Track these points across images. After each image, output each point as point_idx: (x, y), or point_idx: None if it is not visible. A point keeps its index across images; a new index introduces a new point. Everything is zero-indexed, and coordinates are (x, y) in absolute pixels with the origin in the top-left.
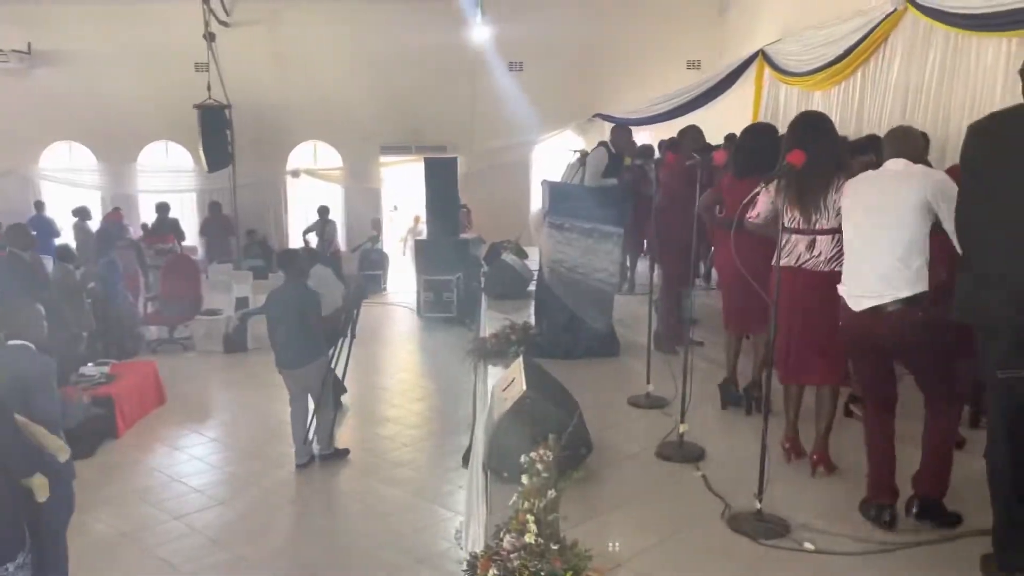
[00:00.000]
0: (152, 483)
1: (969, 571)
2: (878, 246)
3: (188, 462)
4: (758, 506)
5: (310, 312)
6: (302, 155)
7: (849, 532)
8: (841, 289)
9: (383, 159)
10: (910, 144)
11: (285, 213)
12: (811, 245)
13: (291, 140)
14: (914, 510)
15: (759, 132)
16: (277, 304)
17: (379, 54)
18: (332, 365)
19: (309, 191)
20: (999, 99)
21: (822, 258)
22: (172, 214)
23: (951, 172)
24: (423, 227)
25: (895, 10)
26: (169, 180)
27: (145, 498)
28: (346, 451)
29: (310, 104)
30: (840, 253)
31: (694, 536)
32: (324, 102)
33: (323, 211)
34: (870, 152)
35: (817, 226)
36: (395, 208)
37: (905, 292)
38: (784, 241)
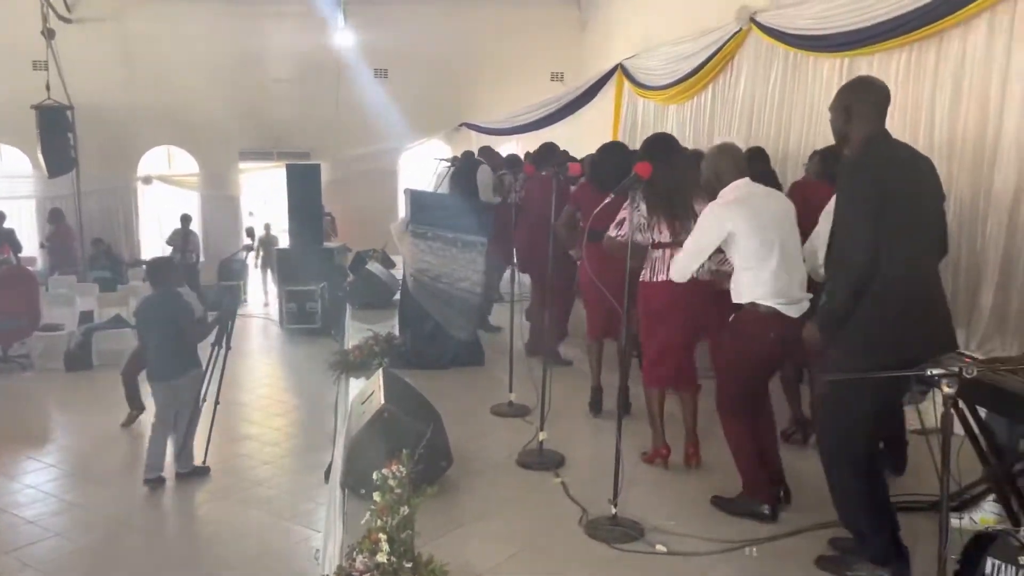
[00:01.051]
0: None
1: (809, 566)
2: (794, 257)
3: (21, 491)
4: (613, 511)
5: (185, 322)
6: (155, 160)
7: (699, 532)
8: (768, 300)
9: (243, 165)
10: (744, 164)
11: (136, 221)
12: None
13: (142, 145)
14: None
15: (613, 149)
16: (149, 314)
17: (238, 57)
18: (207, 378)
19: (163, 199)
20: None
21: None
22: (8, 223)
23: (802, 187)
24: (275, 236)
25: (741, 29)
26: (4, 186)
27: None
28: (207, 469)
29: (163, 107)
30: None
31: (552, 544)
32: (178, 105)
33: (185, 220)
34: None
35: (682, 238)
36: (251, 214)
37: (808, 296)
38: (656, 255)
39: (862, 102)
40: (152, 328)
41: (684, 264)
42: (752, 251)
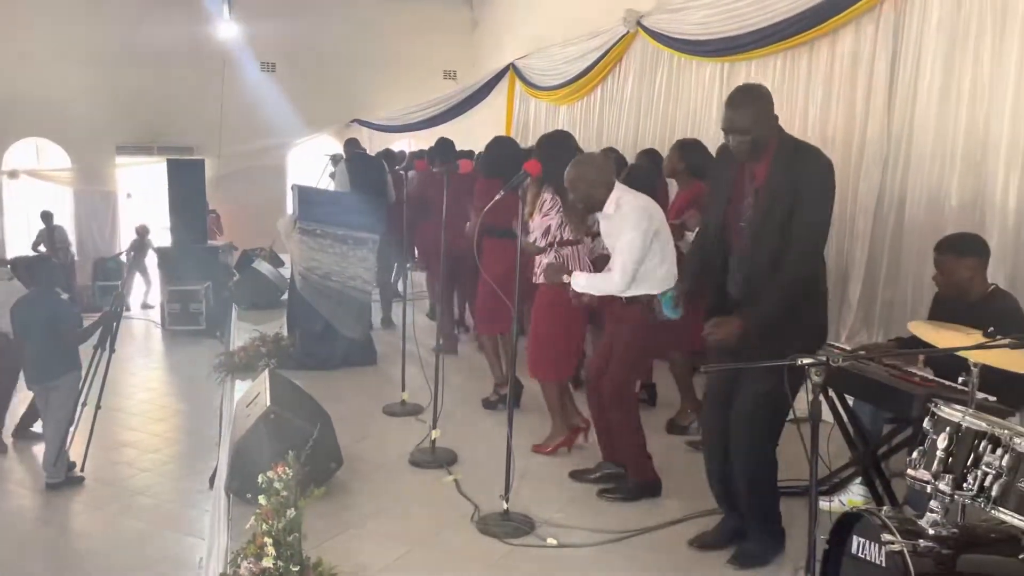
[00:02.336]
0: None
1: (687, 552)
2: None
3: None
4: (505, 506)
5: (62, 323)
6: (21, 154)
7: (588, 525)
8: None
9: (119, 160)
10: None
11: (1, 219)
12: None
13: (5, 137)
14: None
15: (504, 142)
16: (24, 315)
17: (111, 46)
18: (87, 381)
19: (33, 195)
20: (715, 116)
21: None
22: None
23: (692, 192)
24: (151, 238)
25: (628, 32)
26: None
27: None
28: (81, 479)
29: (28, 97)
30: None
31: (444, 541)
32: (47, 95)
33: (46, 217)
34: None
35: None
36: (128, 196)
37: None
38: (566, 252)
39: (771, 111)
40: (27, 330)
41: (628, 275)
42: (664, 245)
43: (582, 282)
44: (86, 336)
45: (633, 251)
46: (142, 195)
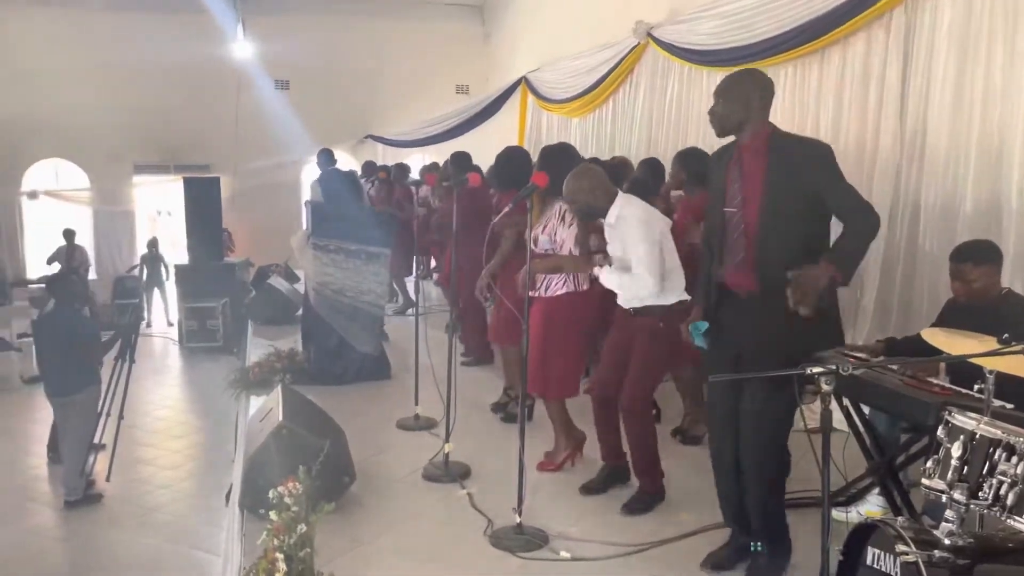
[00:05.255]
0: None
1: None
2: None
3: None
4: (518, 520)
5: (82, 338)
6: (41, 175)
7: (601, 537)
8: (685, 296)
9: (137, 179)
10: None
11: (22, 238)
12: None
13: (26, 158)
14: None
15: (515, 152)
16: (47, 329)
17: (126, 67)
18: (107, 396)
19: (53, 215)
20: None
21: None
22: None
23: (696, 200)
24: (160, 253)
25: (639, 44)
26: None
27: None
28: (99, 496)
29: (49, 119)
30: None
31: (457, 556)
32: (66, 116)
33: (68, 235)
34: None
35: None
36: (159, 214)
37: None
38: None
39: (764, 94)
40: (49, 344)
41: (658, 278)
42: (668, 255)
43: (614, 280)
44: (105, 350)
45: (652, 260)
46: (157, 213)
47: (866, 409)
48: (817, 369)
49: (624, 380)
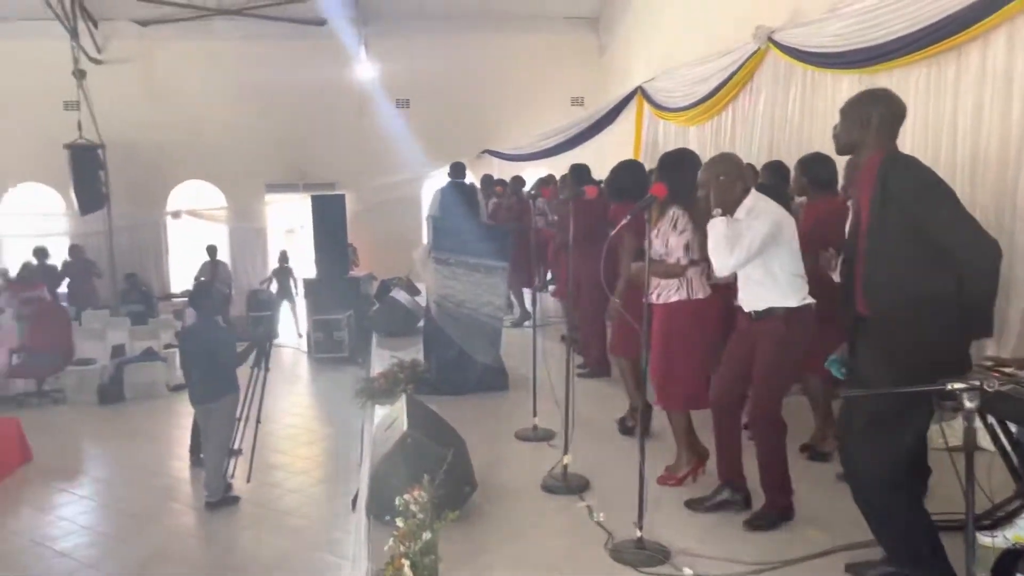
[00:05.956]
0: (11, 548)
1: None
2: None
3: (54, 524)
4: (639, 534)
5: (221, 348)
6: (183, 195)
7: (726, 555)
8: (809, 299)
9: (269, 197)
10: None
11: (166, 255)
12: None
13: (171, 180)
14: None
15: (630, 166)
16: (190, 341)
17: (261, 92)
18: (245, 403)
19: (192, 233)
20: None
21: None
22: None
23: (819, 207)
24: (290, 266)
25: (759, 49)
26: (38, 224)
27: (2, 565)
28: (237, 499)
29: (190, 143)
30: None
31: (576, 569)
32: (205, 140)
33: (211, 251)
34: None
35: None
36: (291, 232)
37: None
38: (692, 273)
39: (885, 114)
40: (193, 355)
41: (742, 256)
42: (791, 257)
43: (719, 229)
44: (242, 360)
45: (755, 240)
46: (287, 229)
47: (1013, 427)
48: (959, 385)
49: (747, 390)
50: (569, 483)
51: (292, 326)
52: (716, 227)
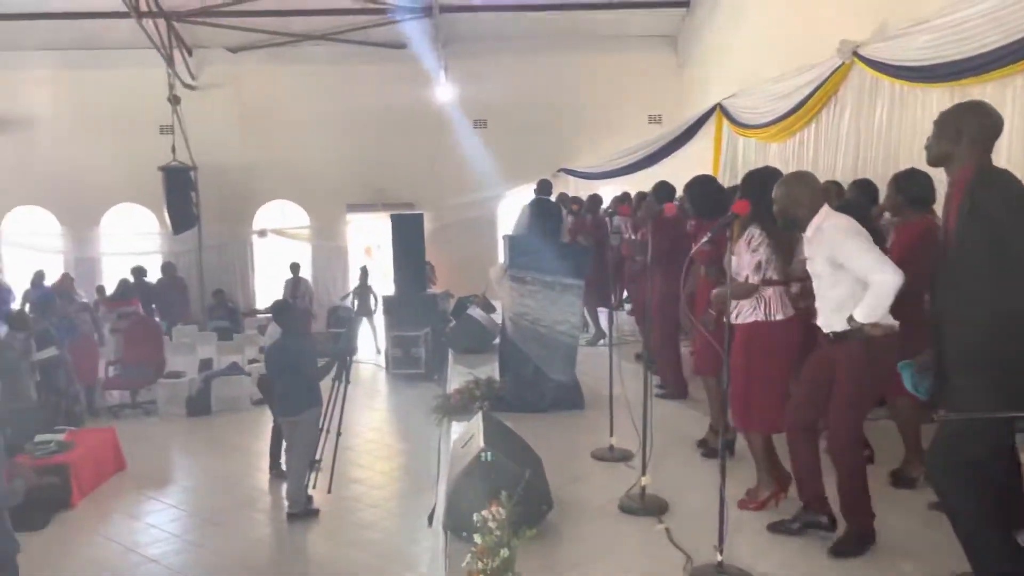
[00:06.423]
0: (106, 554)
1: None
2: None
3: (145, 531)
4: (719, 558)
5: (305, 362)
6: (269, 215)
7: None
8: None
9: (350, 216)
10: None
11: (252, 273)
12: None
13: (257, 200)
14: None
15: (705, 180)
16: (275, 356)
17: (344, 114)
18: (326, 415)
19: (277, 251)
20: None
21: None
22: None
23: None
24: (370, 285)
25: (843, 64)
26: (134, 243)
27: (97, 570)
28: (316, 511)
29: (276, 164)
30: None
31: None
32: (290, 162)
33: (294, 268)
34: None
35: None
36: (369, 250)
37: None
38: (769, 293)
39: (979, 127)
40: (278, 369)
41: (887, 263)
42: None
43: (866, 310)
44: (324, 373)
45: (863, 251)
46: (366, 248)
47: None
48: None
49: (824, 412)
50: (647, 504)
51: (371, 342)
52: (862, 313)
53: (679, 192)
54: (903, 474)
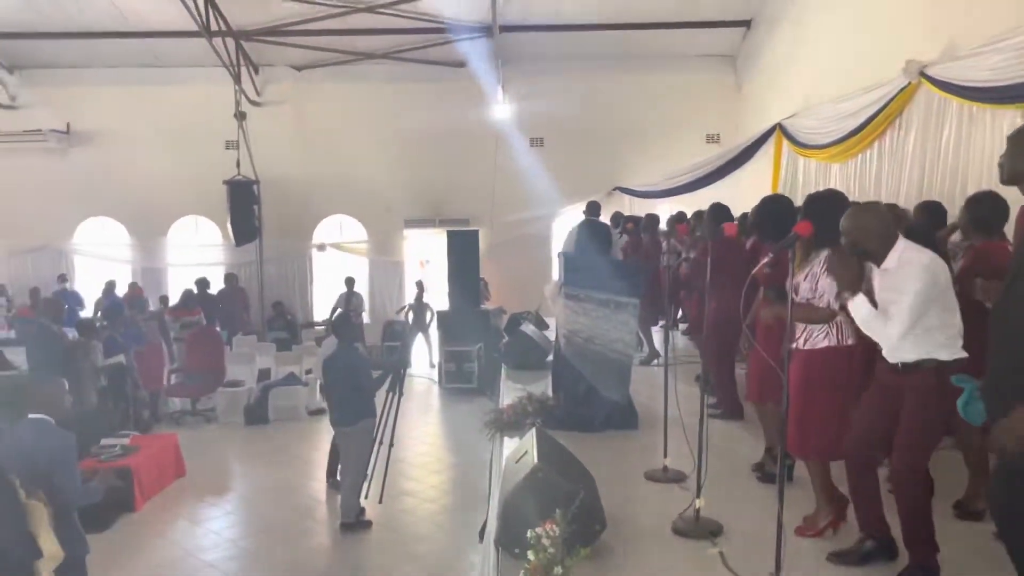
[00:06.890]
0: (168, 557)
1: None
2: None
3: (205, 536)
4: None
5: (360, 374)
6: (328, 229)
7: None
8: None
9: (406, 232)
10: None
11: (310, 285)
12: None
13: (317, 214)
14: None
15: (779, 200)
16: (332, 367)
17: (402, 131)
18: (379, 426)
19: (335, 264)
20: None
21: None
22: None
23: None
24: (427, 303)
25: (909, 84)
26: (198, 254)
27: (159, 573)
28: (369, 523)
29: (336, 179)
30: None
31: None
32: (349, 177)
33: (349, 282)
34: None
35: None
36: (423, 264)
37: None
38: (839, 318)
39: None
40: (335, 380)
41: (904, 328)
42: (945, 310)
43: (862, 310)
44: (379, 385)
45: (915, 307)
46: (422, 263)
47: None
48: None
49: (886, 444)
50: (701, 527)
51: (425, 356)
52: (858, 310)
53: (735, 213)
54: (968, 506)
